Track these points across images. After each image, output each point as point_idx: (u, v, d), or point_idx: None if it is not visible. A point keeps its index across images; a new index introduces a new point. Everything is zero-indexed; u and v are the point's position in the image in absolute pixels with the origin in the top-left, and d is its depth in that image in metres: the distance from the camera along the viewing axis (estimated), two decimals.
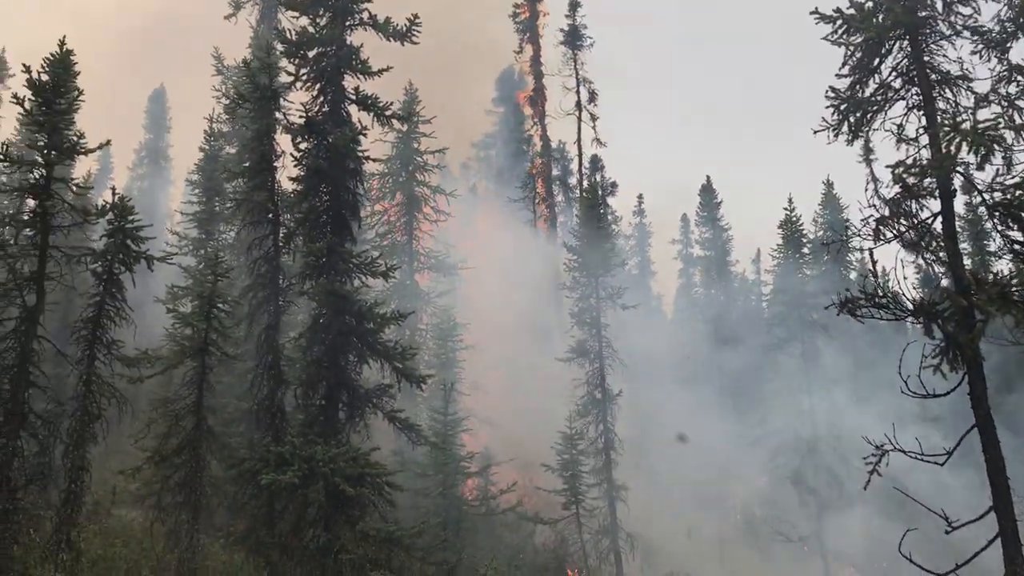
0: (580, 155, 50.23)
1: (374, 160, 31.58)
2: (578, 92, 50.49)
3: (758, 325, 34.13)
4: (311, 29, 22.05)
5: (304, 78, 22.05)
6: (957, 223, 42.04)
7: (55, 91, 15.87)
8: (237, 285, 22.99)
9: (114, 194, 16.94)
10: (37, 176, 15.89)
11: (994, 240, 35.21)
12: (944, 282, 13.97)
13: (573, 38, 50.87)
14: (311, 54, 22.02)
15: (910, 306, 12.61)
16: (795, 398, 30.71)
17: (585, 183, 45.16)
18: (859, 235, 13.66)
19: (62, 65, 16.02)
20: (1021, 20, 18.74)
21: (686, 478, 35.32)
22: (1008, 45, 19.06)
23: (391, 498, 19.35)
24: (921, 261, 14.17)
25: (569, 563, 29.61)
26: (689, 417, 38.92)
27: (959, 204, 41.37)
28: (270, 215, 21.62)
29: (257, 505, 19.08)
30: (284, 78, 22.46)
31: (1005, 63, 19.04)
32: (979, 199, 13.65)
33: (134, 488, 21.57)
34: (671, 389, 42.08)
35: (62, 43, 16.16)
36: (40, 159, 15.72)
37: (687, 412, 39.72)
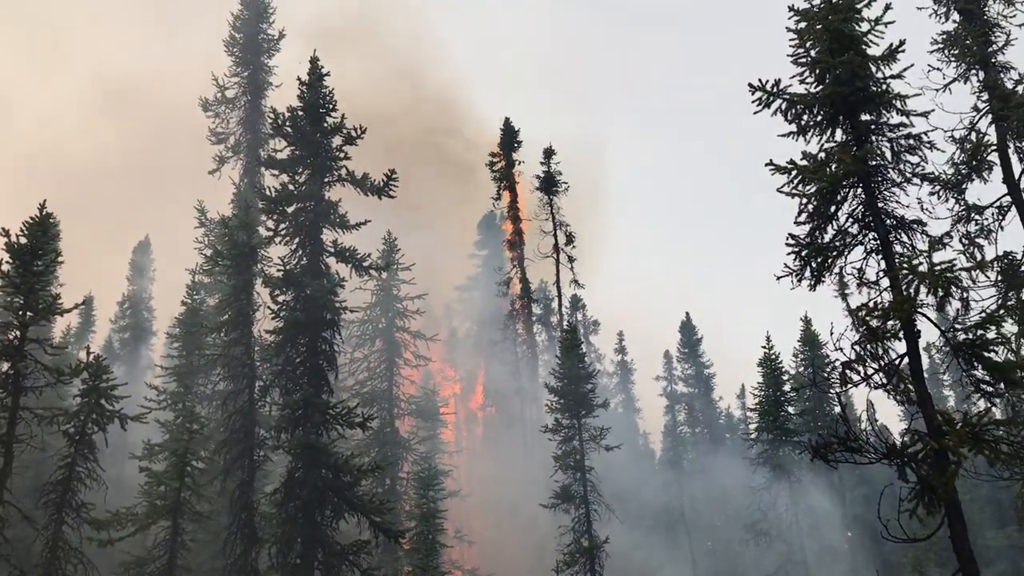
0: (559, 296, 50.85)
1: (353, 310, 31.95)
2: (555, 235, 51.58)
3: (746, 465, 33.66)
4: (291, 186, 22.73)
5: (283, 233, 22.56)
6: (937, 356, 42.24)
7: (33, 253, 16.14)
8: (214, 439, 22.72)
9: (88, 353, 16.95)
10: (11, 337, 15.94)
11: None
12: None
13: (548, 184, 52.39)
14: (290, 209, 22.60)
15: (883, 450, 12.60)
16: (784, 539, 30.03)
17: (565, 323, 45.48)
18: (828, 379, 13.78)
19: (41, 228, 16.36)
20: (974, 162, 19.64)
21: None
22: (964, 187, 19.86)
23: None
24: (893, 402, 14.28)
25: None
26: (676, 567, 37.98)
27: (937, 337, 41.86)
28: (247, 369, 21.64)
29: None
30: (264, 232, 22.96)
31: (962, 203, 19.79)
32: (945, 343, 13.87)
33: None
34: (659, 537, 41.18)
35: (42, 206, 16.55)
36: (15, 320, 15.81)
37: (674, 562, 38.78)
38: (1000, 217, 19.31)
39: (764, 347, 33.64)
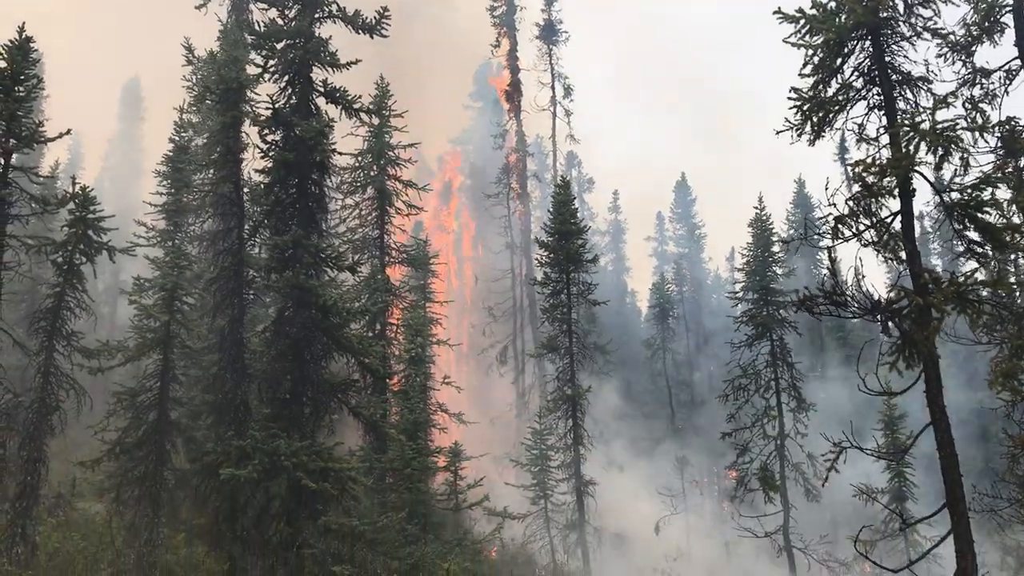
0: (555, 150, 50.41)
1: (344, 154, 31.36)
2: (553, 87, 50.59)
3: (730, 322, 34.22)
4: (280, 21, 21.89)
5: (272, 70, 21.86)
6: (927, 224, 42.43)
7: (13, 78, 15.64)
8: (205, 278, 22.80)
9: (74, 184, 16.72)
10: None
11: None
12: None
13: (549, 32, 50.91)
14: (279, 46, 21.83)
15: (868, 304, 12.70)
16: (763, 396, 30.87)
17: (559, 179, 45.15)
18: (818, 234, 13.77)
19: (21, 52, 15.79)
20: (986, 24, 19.00)
21: (654, 476, 35.53)
22: (973, 49, 19.29)
23: (355, 493, 19.30)
24: (881, 259, 14.34)
25: (537, 557, 29.66)
26: (658, 412, 39.18)
27: (930, 206, 41.75)
28: (236, 208, 21.46)
29: (219, 499, 18.93)
30: (252, 70, 22.28)
31: (969, 66, 19.29)
32: (939, 201, 13.78)
33: (96, 481, 21.40)
34: (642, 386, 42.32)
35: (21, 29, 15.93)
36: None
37: (656, 410, 39.98)
38: (1007, 82, 18.85)
39: (756, 208, 33.55)
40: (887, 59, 14.46)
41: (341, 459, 19.13)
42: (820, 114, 14.62)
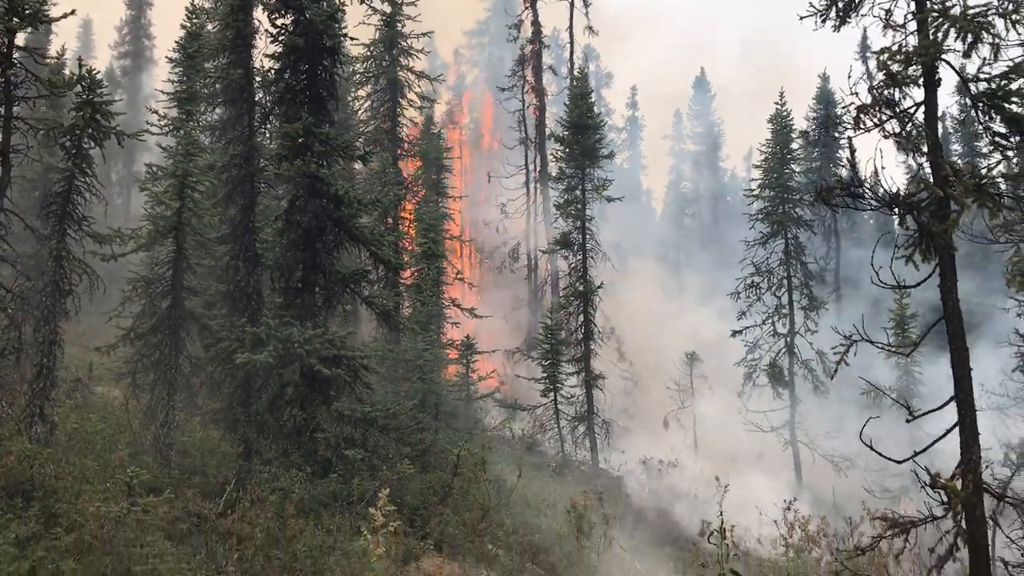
0: (572, 42, 49.00)
1: (355, 41, 30.70)
2: None
3: (745, 220, 33.99)
4: None
5: None
6: (949, 124, 41.55)
7: None
8: (215, 168, 22.65)
9: (81, 66, 16.39)
10: None
11: (984, 139, 34.93)
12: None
13: None
14: None
15: (886, 196, 12.46)
16: (775, 293, 30.89)
17: (576, 71, 44.06)
18: (840, 123, 13.42)
19: None
20: None
21: (664, 370, 35.90)
22: None
23: (367, 381, 19.56)
24: (903, 154, 14.01)
25: (546, 447, 30.30)
26: (670, 310, 39.33)
27: (953, 106, 40.63)
28: (246, 94, 21.12)
29: (233, 384, 19.27)
30: None
31: None
32: (965, 91, 13.36)
33: (113, 366, 21.78)
34: (654, 282, 42.37)
35: None
36: (0, 26, 15.13)
37: (668, 305, 40.13)
38: None
39: (776, 103, 32.80)
40: None
41: (354, 347, 19.33)
42: None
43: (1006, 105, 12.82)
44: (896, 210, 12.61)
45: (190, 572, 12.51)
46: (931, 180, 12.98)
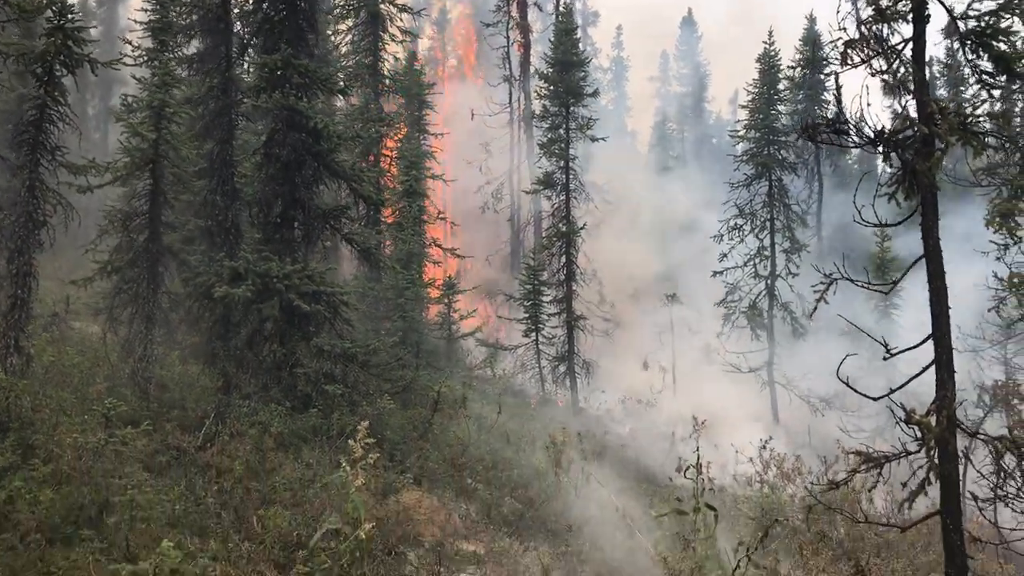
0: None
1: None
2: None
3: (729, 162, 33.85)
4: None
5: None
6: (936, 69, 41.24)
7: None
8: (194, 100, 22.20)
9: None
10: None
11: (969, 84, 34.72)
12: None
13: None
14: None
15: (871, 133, 12.36)
16: (757, 235, 30.92)
17: (562, 6, 43.33)
18: (827, 62, 13.24)
19: None
20: None
21: (644, 312, 36.05)
22: None
23: (347, 317, 19.49)
24: (889, 97, 13.89)
25: (526, 386, 30.50)
26: (651, 251, 39.36)
27: (940, 50, 40.37)
28: (223, 24, 20.63)
29: (212, 319, 19.15)
30: None
31: None
32: (954, 29, 13.20)
33: (90, 302, 21.59)
34: (636, 225, 42.33)
35: None
36: None
37: (649, 245, 40.15)
38: None
39: (765, 42, 32.39)
40: None
41: (334, 283, 19.22)
42: None
43: (994, 43, 12.70)
44: (881, 148, 12.53)
45: (169, 503, 12.54)
46: (915, 117, 12.90)
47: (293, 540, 12.41)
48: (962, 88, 41.15)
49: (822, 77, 37.65)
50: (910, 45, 13.28)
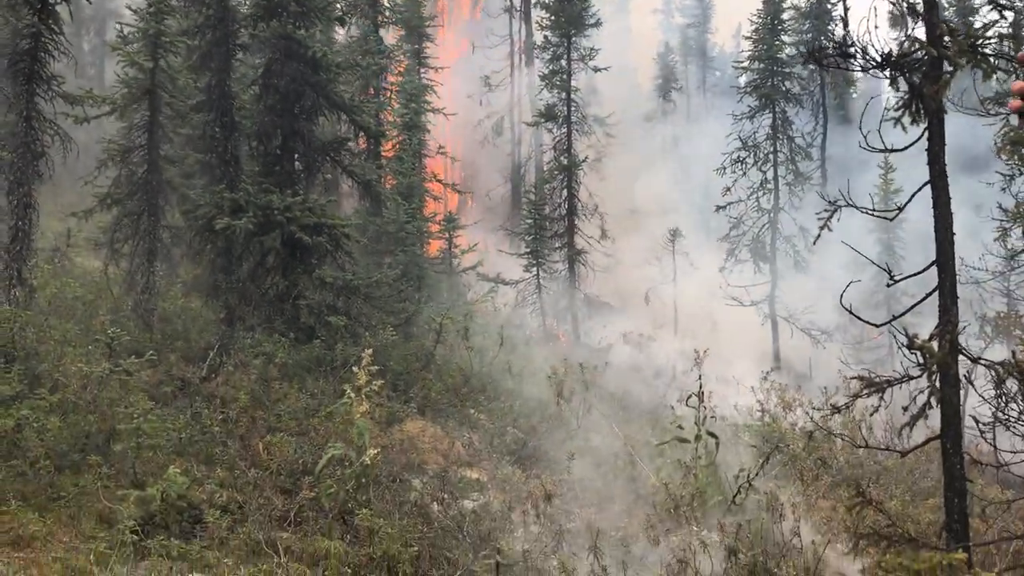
0: None
1: None
2: None
3: (732, 94, 33.41)
4: None
5: None
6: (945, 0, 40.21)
7: None
8: (190, 32, 21.82)
9: None
10: None
11: (978, 15, 34.08)
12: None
13: None
14: None
15: (878, 56, 12.13)
16: (761, 168, 30.64)
17: None
18: None
19: None
20: None
21: (646, 246, 35.96)
22: None
23: (349, 249, 19.47)
24: (895, 29, 13.61)
25: (527, 320, 30.56)
26: (654, 183, 39.12)
27: None
28: None
29: (214, 252, 19.11)
30: None
31: None
32: None
33: (92, 235, 21.54)
34: (638, 156, 41.98)
35: None
36: None
37: (652, 179, 39.89)
38: None
39: None
40: None
41: (335, 216, 19.15)
42: None
43: None
44: (888, 71, 12.33)
45: (175, 432, 12.68)
46: (925, 40, 12.65)
47: (299, 467, 12.58)
48: (971, 19, 40.44)
49: (829, 7, 37.00)
50: None
